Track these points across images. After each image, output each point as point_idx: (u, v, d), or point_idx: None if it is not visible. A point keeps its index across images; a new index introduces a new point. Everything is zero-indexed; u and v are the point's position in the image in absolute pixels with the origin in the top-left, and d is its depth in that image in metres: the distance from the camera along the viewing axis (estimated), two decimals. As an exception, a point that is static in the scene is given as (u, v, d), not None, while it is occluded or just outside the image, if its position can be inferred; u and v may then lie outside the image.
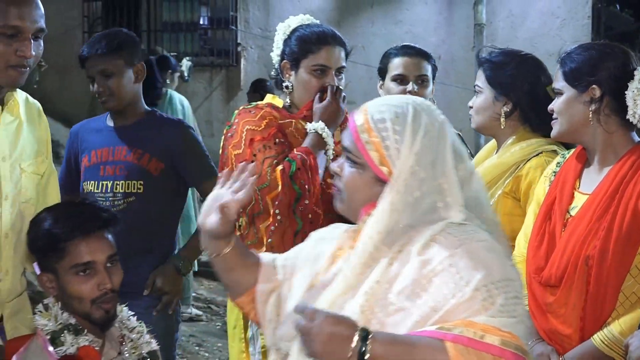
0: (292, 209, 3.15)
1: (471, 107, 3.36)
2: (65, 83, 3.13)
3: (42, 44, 2.85)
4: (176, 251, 3.86)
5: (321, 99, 3.28)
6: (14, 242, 2.84)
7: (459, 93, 8.67)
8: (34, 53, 2.80)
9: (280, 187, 3.11)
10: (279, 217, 3.14)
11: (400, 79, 3.75)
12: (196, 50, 11.06)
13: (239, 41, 10.87)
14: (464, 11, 8.99)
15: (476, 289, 1.85)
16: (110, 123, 3.71)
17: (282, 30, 3.38)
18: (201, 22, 11.40)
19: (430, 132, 2.03)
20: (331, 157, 3.25)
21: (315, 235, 2.37)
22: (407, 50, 3.84)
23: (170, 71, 7.53)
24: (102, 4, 11.88)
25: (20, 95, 2.99)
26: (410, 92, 3.67)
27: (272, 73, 3.49)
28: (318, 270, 2.21)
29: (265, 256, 2.35)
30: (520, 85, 3.22)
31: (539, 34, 8.73)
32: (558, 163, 2.98)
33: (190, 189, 4.02)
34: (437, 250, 1.94)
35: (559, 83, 2.81)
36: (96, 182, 3.59)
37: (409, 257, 1.98)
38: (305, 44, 3.30)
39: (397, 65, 3.78)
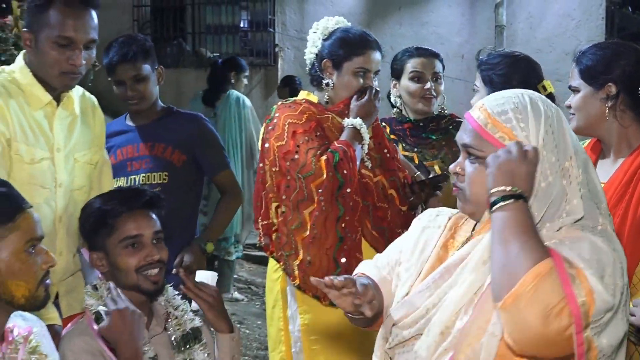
0: (334, 197, 3.16)
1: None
2: (107, 94, 3.18)
3: (94, 52, 2.89)
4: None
5: (357, 98, 3.30)
6: (67, 226, 2.88)
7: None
8: (84, 62, 2.83)
9: (324, 176, 3.14)
10: (322, 204, 3.17)
11: (418, 78, 3.75)
12: (237, 51, 11.06)
13: (276, 42, 10.85)
14: (485, 13, 8.93)
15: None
16: (131, 123, 3.76)
17: (320, 30, 3.38)
18: (241, 25, 11.41)
19: (550, 118, 1.96)
20: (366, 150, 3.28)
21: (418, 224, 2.28)
22: (421, 52, 3.85)
23: (234, 72, 7.37)
24: (151, 9, 11.94)
25: (76, 92, 3.03)
26: (429, 90, 3.71)
27: (308, 69, 3.49)
28: (426, 260, 2.15)
29: (371, 270, 2.25)
30: (510, 84, 3.20)
31: (556, 35, 8.65)
32: None
33: None
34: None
35: (575, 81, 2.79)
36: (125, 178, 3.60)
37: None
38: (350, 47, 3.33)
39: (413, 65, 3.78)
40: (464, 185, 2.03)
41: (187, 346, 2.72)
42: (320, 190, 3.16)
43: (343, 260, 3.22)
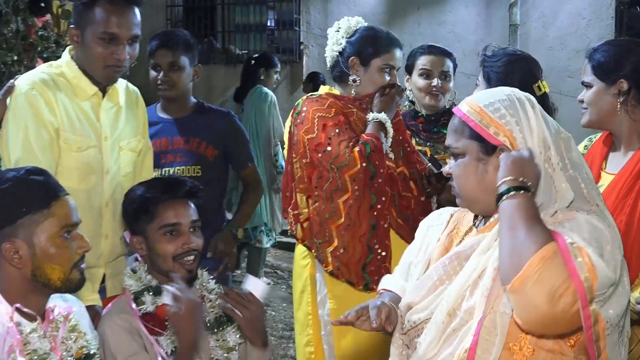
0: (367, 186, 3.17)
1: None
2: (141, 87, 3.20)
3: (137, 48, 2.91)
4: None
5: (381, 93, 3.32)
6: (113, 210, 2.90)
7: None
8: (128, 56, 2.85)
9: (358, 166, 3.15)
10: (357, 193, 3.17)
11: (426, 75, 3.74)
12: (264, 48, 11.04)
13: (301, 40, 10.86)
14: (500, 13, 8.88)
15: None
16: (163, 115, 3.74)
17: (343, 29, 3.38)
18: (269, 24, 11.40)
19: (535, 112, 2.00)
20: (389, 143, 3.28)
21: (424, 224, 2.33)
22: (432, 49, 3.84)
23: (263, 68, 7.32)
24: (183, 9, 11.95)
25: (120, 84, 3.07)
26: (435, 86, 3.71)
27: (330, 66, 3.48)
28: (431, 252, 2.17)
29: (392, 283, 2.32)
30: (506, 82, 3.19)
31: (568, 33, 8.59)
32: (585, 146, 2.97)
33: None
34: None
35: (588, 77, 2.77)
36: (159, 170, 3.57)
37: None
38: (378, 45, 3.33)
39: (423, 62, 3.78)
40: (454, 182, 2.08)
41: (220, 328, 2.73)
42: (354, 180, 3.17)
43: (376, 246, 3.22)
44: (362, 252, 3.21)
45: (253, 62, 7.49)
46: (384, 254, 3.22)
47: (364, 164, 3.15)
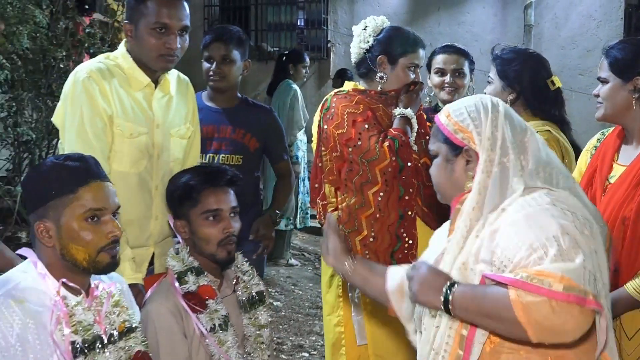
0: (396, 179, 3.15)
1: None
2: (190, 72, 3.17)
3: (187, 39, 2.92)
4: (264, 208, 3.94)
5: (406, 90, 3.31)
6: (163, 194, 2.90)
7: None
8: (179, 46, 2.86)
9: (388, 160, 3.12)
10: (386, 185, 3.14)
11: (440, 72, 3.76)
12: (294, 46, 11.03)
13: (328, 39, 10.83)
14: (515, 14, 8.81)
15: (531, 245, 1.79)
16: (210, 103, 3.73)
17: (370, 28, 3.36)
18: (298, 23, 11.36)
19: (497, 116, 2.03)
20: (414, 137, 3.28)
21: (435, 234, 2.38)
22: (447, 49, 3.84)
23: (292, 64, 7.33)
24: (219, 9, 11.96)
25: (172, 75, 3.08)
26: (448, 83, 3.73)
27: (355, 63, 3.45)
28: (436, 256, 2.16)
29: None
30: (523, 79, 3.18)
31: (579, 34, 8.51)
32: (598, 139, 2.96)
33: None
34: (504, 218, 1.92)
35: (604, 72, 2.75)
36: (203, 155, 3.55)
37: (485, 228, 1.96)
38: (406, 45, 3.32)
39: (438, 61, 3.80)
40: (432, 180, 2.19)
41: (253, 307, 2.74)
42: (384, 173, 3.15)
43: (404, 235, 3.21)
44: (391, 241, 3.20)
45: (284, 57, 7.48)
46: (410, 242, 3.21)
47: (393, 158, 3.13)
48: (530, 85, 3.11)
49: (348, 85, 3.43)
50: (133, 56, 2.90)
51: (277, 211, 3.93)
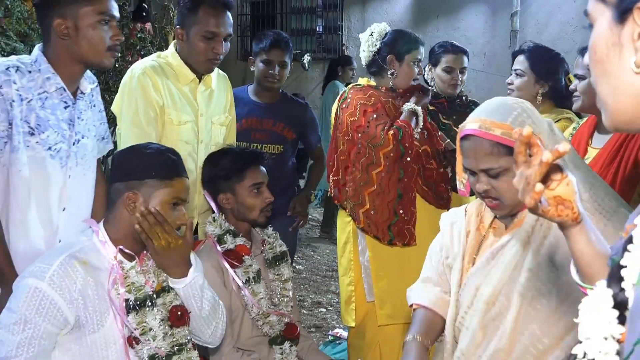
0: (397, 162, 3.15)
1: (510, 84, 3.33)
2: (225, 68, 3.17)
3: (229, 45, 2.92)
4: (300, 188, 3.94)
5: (418, 93, 3.33)
6: None
7: (498, 80, 8.50)
8: (224, 50, 2.85)
9: (391, 146, 3.13)
10: (388, 167, 3.14)
11: (449, 70, 3.71)
12: (313, 48, 11.02)
13: (343, 42, 10.78)
14: (503, 20, 8.74)
15: None
16: (255, 98, 3.69)
17: (376, 33, 3.37)
18: (317, 29, 11.32)
19: (540, 119, 1.85)
20: (418, 130, 3.26)
21: (446, 221, 2.15)
22: (455, 49, 3.79)
23: (340, 66, 7.42)
24: (250, 17, 11.96)
25: (213, 71, 3.05)
26: (456, 79, 3.71)
27: (366, 64, 3.45)
28: (465, 245, 2.02)
29: (424, 297, 2.14)
30: (556, 75, 3.16)
31: (558, 38, 8.38)
32: (574, 128, 2.94)
33: None
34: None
35: (580, 70, 2.74)
36: (247, 143, 3.54)
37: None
38: (410, 44, 3.31)
39: (447, 60, 3.73)
40: (499, 196, 1.86)
41: (277, 264, 2.76)
42: (387, 157, 3.15)
43: (401, 211, 3.19)
44: (389, 215, 3.20)
45: (334, 61, 7.71)
46: (406, 218, 3.22)
47: (396, 145, 3.14)
48: (561, 80, 3.08)
49: (363, 81, 3.44)
50: (181, 56, 2.91)
51: (311, 191, 3.93)
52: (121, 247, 2.10)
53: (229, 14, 2.90)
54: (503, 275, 1.88)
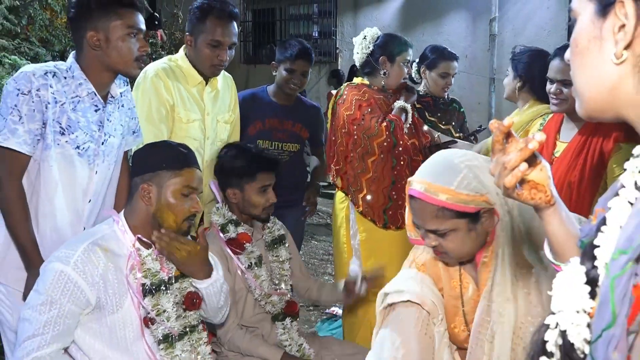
0: (390, 152, 3.17)
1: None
2: (231, 70, 3.16)
3: (233, 52, 2.90)
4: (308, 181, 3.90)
5: (407, 93, 3.33)
6: (210, 167, 2.93)
7: (479, 80, 8.50)
8: (228, 58, 2.84)
9: (384, 137, 3.14)
10: (382, 156, 3.17)
11: (445, 76, 3.74)
12: (310, 52, 11.03)
13: (337, 46, 10.78)
14: (483, 26, 8.73)
15: None
16: (274, 99, 3.60)
17: (369, 37, 3.37)
18: (314, 34, 11.32)
19: (487, 177, 1.69)
20: (407, 125, 3.26)
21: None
22: (452, 57, 3.81)
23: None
24: (252, 24, 11.93)
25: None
26: (448, 83, 3.77)
27: (360, 65, 3.46)
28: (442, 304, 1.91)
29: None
30: (532, 71, 3.14)
31: (533, 41, 8.34)
32: (541, 124, 2.92)
33: None
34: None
35: (553, 73, 2.73)
36: (270, 142, 3.53)
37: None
38: (400, 46, 3.31)
39: (444, 67, 3.77)
40: (447, 252, 1.79)
41: (276, 246, 2.77)
42: (380, 147, 3.18)
43: (395, 196, 3.24)
44: (384, 200, 3.24)
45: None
46: (400, 203, 3.25)
47: (389, 135, 3.16)
48: (539, 76, 3.01)
49: (357, 80, 3.45)
50: (190, 60, 2.91)
51: (319, 183, 3.92)
52: (139, 235, 2.11)
53: (234, 24, 2.88)
54: (509, 332, 1.78)
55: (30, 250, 2.20)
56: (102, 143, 2.35)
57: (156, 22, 6.05)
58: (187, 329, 2.15)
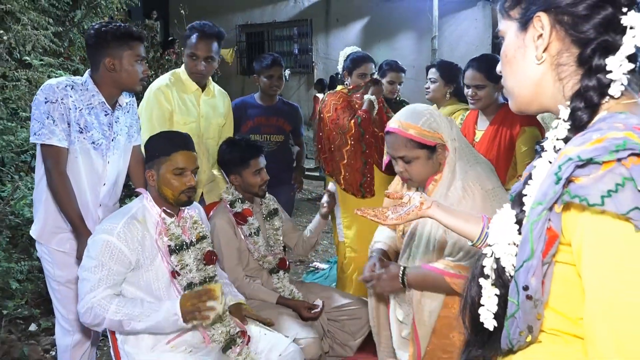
0: (359, 140, 3.15)
1: (427, 88, 3.36)
2: (226, 86, 3.10)
3: (212, 64, 2.82)
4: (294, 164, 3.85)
5: (374, 86, 3.25)
6: (207, 158, 2.92)
7: (423, 85, 8.53)
8: (203, 68, 2.77)
9: (353, 130, 3.11)
10: (353, 144, 3.17)
11: (391, 83, 3.74)
12: (292, 65, 10.92)
13: (313, 60, 10.70)
14: (426, 43, 8.76)
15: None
16: (260, 102, 3.59)
17: (343, 54, 3.37)
18: (294, 51, 11.23)
19: (443, 119, 1.85)
20: (374, 114, 3.21)
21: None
22: (397, 67, 3.80)
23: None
24: (246, 44, 11.78)
25: (215, 86, 3.02)
26: (395, 89, 3.74)
27: (339, 76, 3.46)
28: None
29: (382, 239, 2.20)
30: (458, 79, 3.18)
31: (465, 55, 8.40)
32: (462, 117, 2.94)
33: None
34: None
35: (468, 80, 2.74)
36: (259, 135, 3.52)
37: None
38: (355, 63, 3.28)
39: (391, 76, 3.78)
40: (410, 176, 1.89)
41: (270, 218, 2.78)
42: (351, 138, 3.18)
43: (367, 174, 3.25)
44: (359, 177, 3.25)
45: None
46: (369, 178, 3.26)
47: (357, 128, 3.17)
48: (460, 83, 3.10)
49: (339, 88, 3.44)
50: (186, 71, 2.89)
51: (303, 166, 3.88)
52: (164, 207, 2.12)
53: (214, 42, 2.80)
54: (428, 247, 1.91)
55: (79, 223, 2.21)
56: (112, 140, 2.35)
57: (170, 38, 6.01)
58: (207, 279, 2.18)
